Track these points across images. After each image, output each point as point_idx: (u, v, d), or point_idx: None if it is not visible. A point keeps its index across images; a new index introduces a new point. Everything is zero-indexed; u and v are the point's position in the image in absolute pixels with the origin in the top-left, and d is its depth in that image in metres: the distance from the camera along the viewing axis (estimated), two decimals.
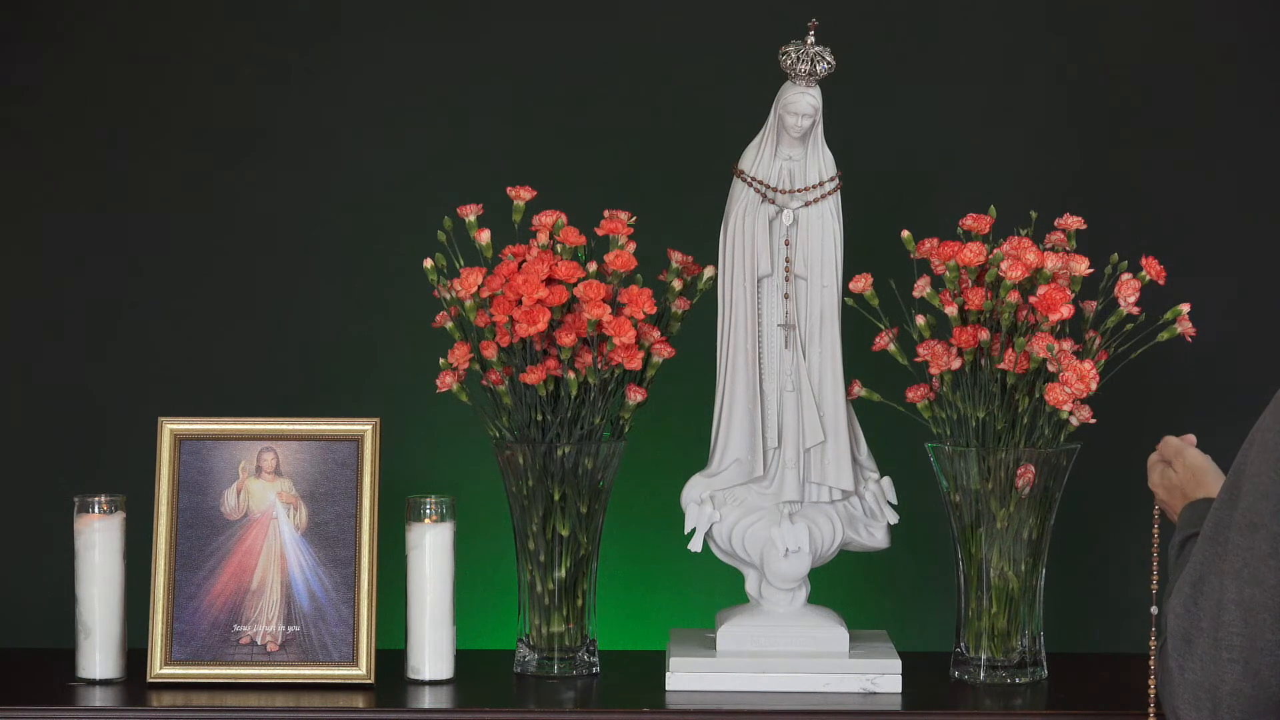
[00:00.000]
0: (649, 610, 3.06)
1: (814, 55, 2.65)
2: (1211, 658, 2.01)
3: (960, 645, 2.73)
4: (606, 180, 3.06)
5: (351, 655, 2.68)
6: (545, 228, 2.71)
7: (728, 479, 2.71)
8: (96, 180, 3.10)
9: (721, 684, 2.65)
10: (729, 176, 2.70)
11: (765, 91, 2.69)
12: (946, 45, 3.10)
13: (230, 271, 3.10)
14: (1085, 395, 2.60)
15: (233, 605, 2.69)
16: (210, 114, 3.10)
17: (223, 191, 3.10)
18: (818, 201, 2.68)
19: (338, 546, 2.71)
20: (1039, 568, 2.70)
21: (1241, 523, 2.00)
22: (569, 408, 2.69)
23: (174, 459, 2.72)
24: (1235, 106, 3.10)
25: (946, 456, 2.70)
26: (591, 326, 2.65)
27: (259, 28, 3.10)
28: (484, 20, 3.10)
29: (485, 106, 3.10)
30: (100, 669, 2.69)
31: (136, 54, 3.10)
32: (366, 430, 2.74)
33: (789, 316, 2.68)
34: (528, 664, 2.74)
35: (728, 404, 2.69)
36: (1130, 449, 2.58)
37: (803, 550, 2.68)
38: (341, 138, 3.10)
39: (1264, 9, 3.10)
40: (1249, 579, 1.99)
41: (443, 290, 2.72)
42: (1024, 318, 2.65)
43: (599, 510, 2.73)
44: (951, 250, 2.67)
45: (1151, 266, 2.68)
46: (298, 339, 3.10)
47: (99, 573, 2.69)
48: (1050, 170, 3.09)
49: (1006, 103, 3.10)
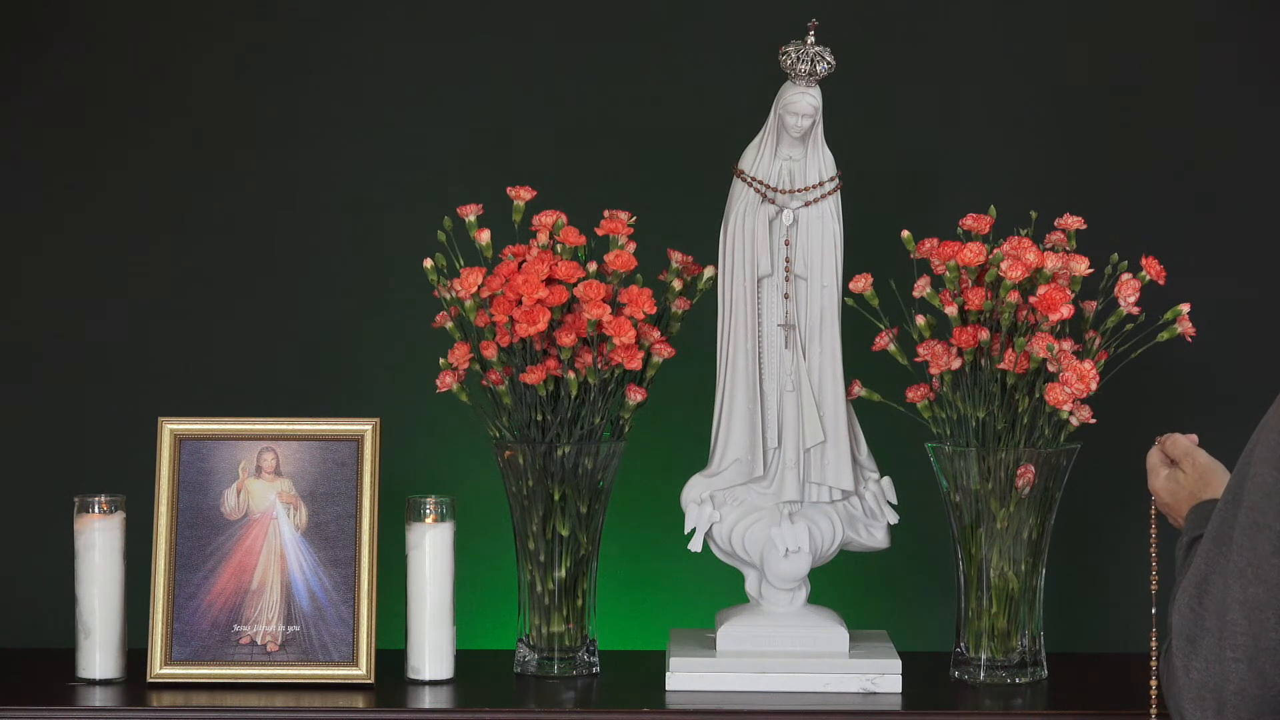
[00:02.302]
0: (649, 610, 3.05)
1: (814, 55, 2.65)
2: (1216, 657, 2.01)
3: (960, 645, 2.73)
4: (606, 180, 3.06)
5: (351, 655, 2.68)
6: (545, 228, 2.71)
7: (728, 479, 2.71)
8: (96, 180, 3.09)
9: (721, 684, 2.65)
10: (729, 176, 2.70)
11: (765, 91, 2.69)
12: (947, 45, 3.10)
13: (230, 271, 3.10)
14: (1085, 395, 2.61)
15: (233, 605, 2.69)
16: (210, 114, 3.10)
17: (222, 191, 3.10)
18: (818, 201, 2.68)
19: (338, 546, 2.71)
20: (1039, 568, 2.71)
21: (1245, 522, 2.00)
22: (569, 408, 2.69)
23: (174, 459, 2.72)
24: (1235, 106, 3.09)
25: (946, 456, 2.70)
26: (591, 326, 2.65)
27: (259, 27, 3.10)
28: (484, 20, 3.10)
29: (485, 106, 3.10)
30: (100, 669, 2.69)
31: (136, 54, 3.09)
32: (366, 430, 2.74)
33: (789, 316, 2.68)
34: (528, 664, 2.74)
35: (728, 404, 2.69)
36: (1130, 449, 2.57)
37: (803, 550, 2.68)
38: (341, 138, 3.10)
39: (1264, 9, 3.10)
40: (1253, 578, 1.99)
41: (443, 290, 2.72)
42: (1024, 318, 2.65)
43: (599, 510, 2.73)
44: (951, 250, 2.67)
45: (1151, 266, 2.68)
46: (298, 339, 3.10)
47: (99, 573, 2.69)
48: (1050, 170, 3.09)
49: (1006, 103, 3.10)
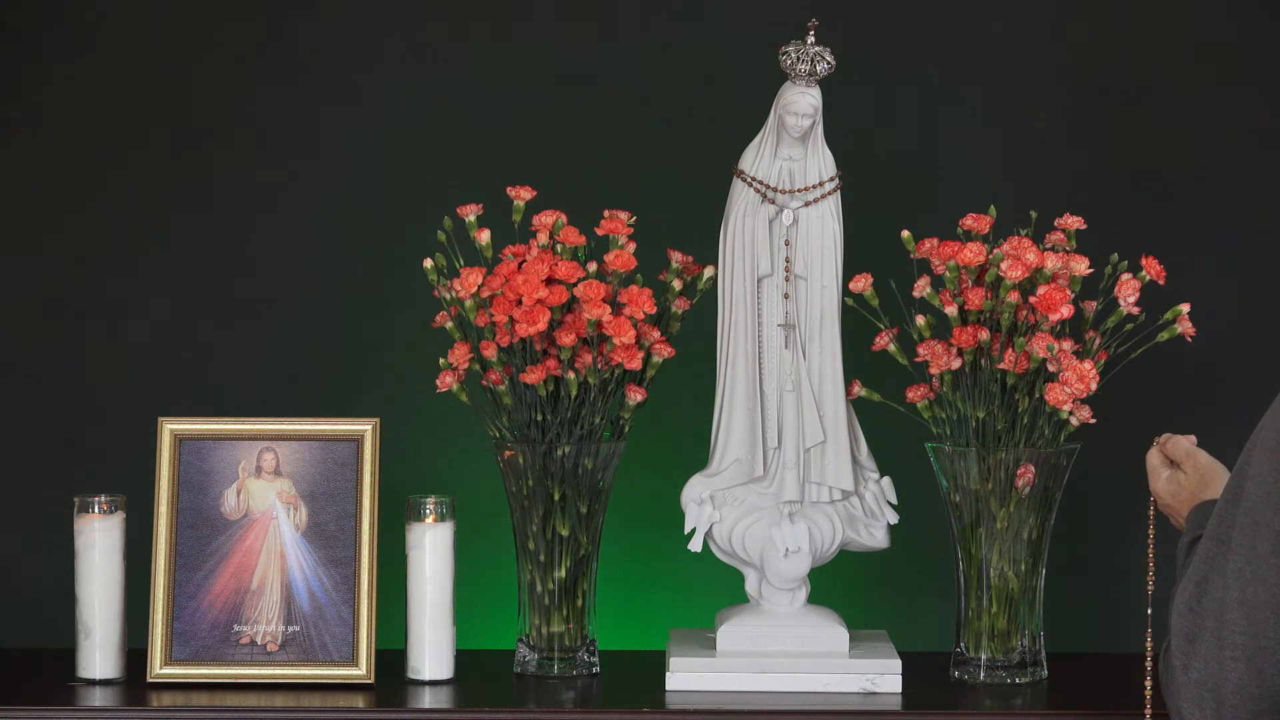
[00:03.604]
0: (649, 610, 3.05)
1: (814, 55, 2.65)
2: (1215, 656, 2.01)
3: (960, 645, 2.73)
4: (606, 180, 3.06)
5: (351, 655, 2.68)
6: (545, 228, 2.71)
7: (728, 479, 2.71)
8: (96, 179, 3.09)
9: (721, 684, 2.65)
10: (729, 176, 2.69)
11: (765, 91, 2.69)
12: (947, 45, 3.10)
13: (230, 271, 3.10)
14: (1085, 395, 2.60)
15: (233, 605, 2.69)
16: (210, 113, 3.10)
17: (222, 191, 3.10)
18: (818, 201, 2.68)
19: (338, 546, 2.71)
20: (1039, 568, 2.70)
21: (1244, 521, 2.00)
22: (569, 408, 2.69)
23: (174, 459, 2.72)
24: (1235, 106, 3.09)
25: (946, 456, 2.70)
26: (591, 326, 2.65)
27: (259, 27, 3.10)
28: (484, 20, 3.10)
29: (485, 106, 3.10)
30: (100, 669, 2.69)
31: (137, 53, 3.09)
32: (366, 430, 2.74)
33: (789, 316, 2.68)
34: (528, 664, 2.74)
35: (728, 404, 2.69)
36: (1130, 449, 2.57)
37: (803, 550, 2.68)
38: (341, 137, 3.10)
39: (1264, 9, 3.10)
40: (1252, 577, 1.99)
41: (443, 290, 2.72)
42: (1024, 318, 2.65)
43: (599, 510, 2.73)
44: (951, 250, 2.67)
45: (1151, 266, 2.68)
46: (297, 339, 3.10)
47: (99, 573, 2.69)
48: (1050, 170, 3.09)
49: (1007, 102, 3.10)
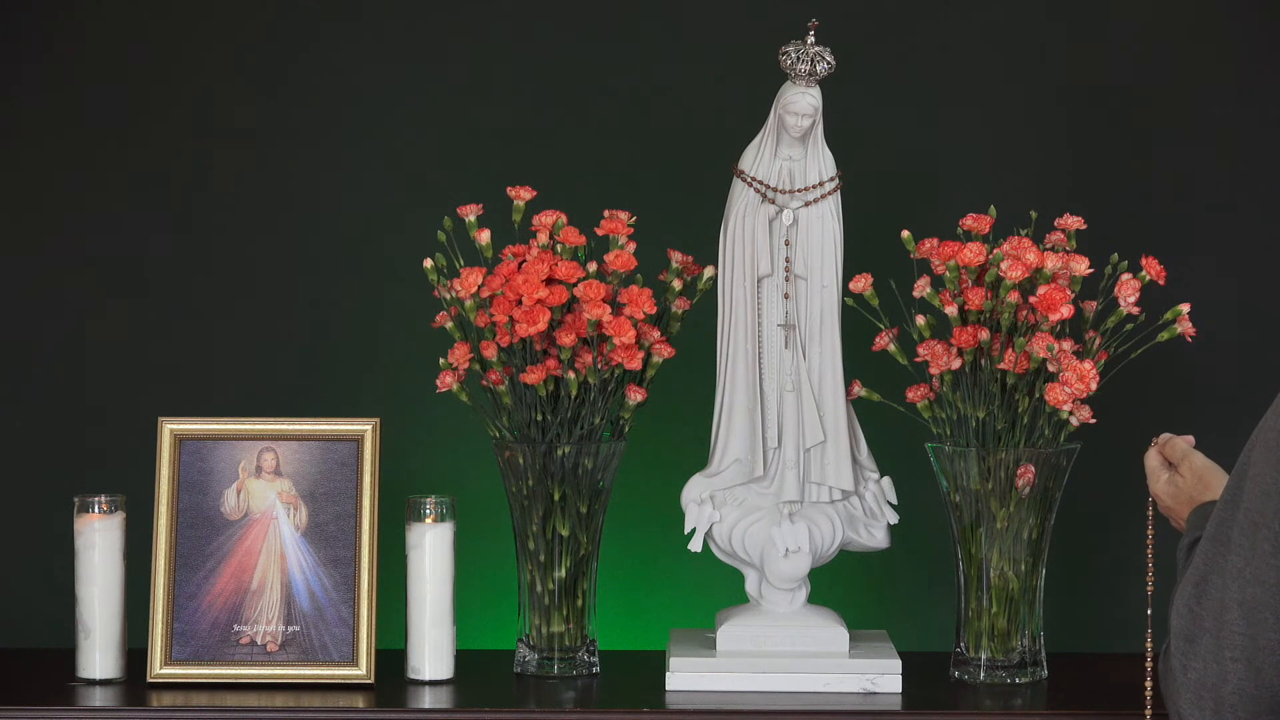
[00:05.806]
0: (649, 610, 3.05)
1: (814, 55, 2.65)
2: (1214, 657, 2.01)
3: (960, 645, 2.73)
4: (606, 180, 3.06)
5: (351, 655, 2.68)
6: (545, 228, 2.71)
7: (728, 479, 2.71)
8: (96, 180, 3.09)
9: (721, 684, 2.65)
10: (729, 176, 2.69)
11: (765, 91, 2.69)
12: (947, 45, 3.10)
13: (230, 271, 3.10)
14: (1085, 395, 2.61)
15: (233, 605, 2.69)
16: (210, 114, 3.10)
17: (222, 191, 3.10)
18: (818, 201, 2.68)
19: (338, 546, 2.71)
20: (1039, 568, 2.70)
21: (1244, 522, 2.00)
22: (569, 408, 2.69)
23: (174, 459, 2.72)
24: (1235, 106, 3.09)
25: (946, 456, 2.70)
26: (591, 326, 2.65)
27: (259, 28, 3.10)
28: (484, 20, 3.10)
29: (485, 106, 3.10)
30: (100, 669, 2.69)
31: (136, 54, 3.09)
32: (366, 430, 2.74)
33: (789, 316, 2.68)
34: (528, 664, 2.74)
35: (728, 404, 2.69)
36: (1130, 449, 2.57)
37: (803, 550, 2.68)
38: (341, 137, 3.10)
39: (1263, 10, 3.10)
40: (1251, 578, 1.99)
41: (443, 290, 2.72)
42: (1024, 318, 2.65)
43: (599, 510, 2.73)
44: (951, 250, 2.67)
45: (1151, 266, 2.68)
46: (298, 339, 3.10)
47: (99, 573, 2.69)
48: (1050, 170, 3.09)
49: (1007, 103, 3.10)
